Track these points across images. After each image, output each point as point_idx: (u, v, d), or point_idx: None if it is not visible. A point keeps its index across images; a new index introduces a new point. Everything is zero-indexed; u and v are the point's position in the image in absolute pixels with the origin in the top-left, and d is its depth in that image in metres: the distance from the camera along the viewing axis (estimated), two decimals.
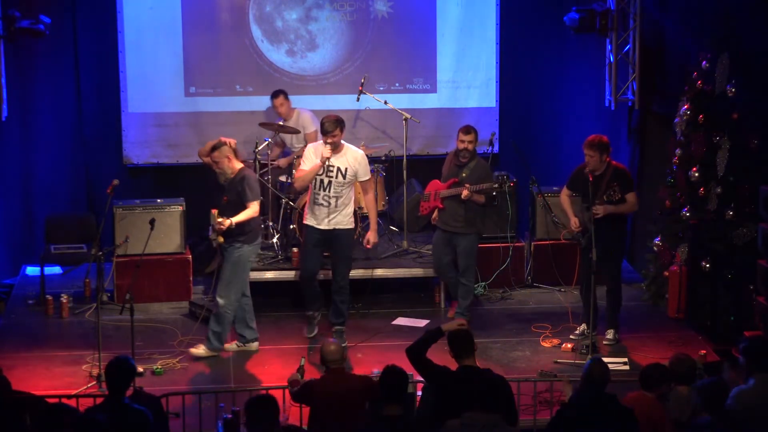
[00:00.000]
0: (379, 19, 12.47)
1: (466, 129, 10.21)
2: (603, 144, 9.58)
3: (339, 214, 9.68)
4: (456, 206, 10.19)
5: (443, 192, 10.24)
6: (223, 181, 9.47)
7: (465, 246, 10.27)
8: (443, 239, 10.38)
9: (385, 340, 10.06)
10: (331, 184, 9.60)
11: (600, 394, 6.61)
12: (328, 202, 9.63)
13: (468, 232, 10.24)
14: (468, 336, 7.00)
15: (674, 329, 10.32)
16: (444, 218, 10.30)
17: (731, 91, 10.00)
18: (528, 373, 9.01)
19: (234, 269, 9.49)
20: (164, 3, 12.16)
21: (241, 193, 9.40)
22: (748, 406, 6.75)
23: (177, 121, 12.26)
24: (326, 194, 9.62)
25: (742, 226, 10.00)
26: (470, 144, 10.16)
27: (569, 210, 9.90)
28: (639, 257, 11.81)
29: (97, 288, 10.35)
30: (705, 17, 10.72)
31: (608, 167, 9.64)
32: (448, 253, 10.39)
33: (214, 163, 9.44)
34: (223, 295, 9.47)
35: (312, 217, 9.73)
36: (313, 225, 9.72)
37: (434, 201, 10.33)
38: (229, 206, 9.42)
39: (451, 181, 10.23)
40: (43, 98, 12.03)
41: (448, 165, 10.36)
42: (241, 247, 9.47)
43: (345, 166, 9.64)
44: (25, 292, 11.27)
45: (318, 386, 7.22)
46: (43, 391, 8.31)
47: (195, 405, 8.07)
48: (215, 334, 9.56)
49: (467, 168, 10.18)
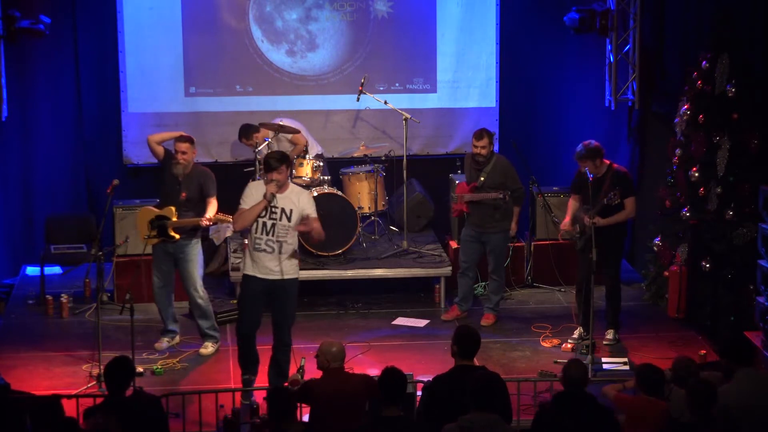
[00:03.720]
0: (379, 19, 12.47)
1: (479, 134, 10.23)
2: (590, 151, 9.55)
3: (285, 261, 8.51)
4: (483, 208, 10.29)
5: (466, 196, 10.36)
6: (180, 174, 9.52)
7: (495, 244, 10.37)
8: (472, 238, 10.43)
9: (385, 340, 10.07)
10: (275, 227, 8.42)
11: (579, 394, 6.64)
12: (272, 247, 8.44)
13: (498, 231, 10.33)
14: (476, 336, 7.02)
15: (674, 329, 10.32)
16: (473, 219, 10.38)
17: (731, 91, 9.99)
18: (528, 373, 9.01)
19: (197, 265, 9.69)
20: (164, 3, 12.16)
21: (203, 187, 9.52)
22: (734, 402, 6.78)
23: (177, 121, 12.25)
24: (269, 239, 8.42)
25: (742, 226, 10.00)
26: (483, 149, 10.19)
27: (569, 212, 9.88)
28: (639, 257, 11.81)
29: (97, 288, 10.35)
30: (705, 17, 10.72)
31: (608, 169, 9.63)
32: (477, 251, 10.46)
33: (181, 153, 9.49)
34: (199, 292, 9.72)
35: (253, 266, 8.53)
36: (255, 275, 8.52)
37: (460, 204, 10.41)
38: (189, 202, 9.53)
39: (472, 185, 10.31)
40: (43, 98, 12.03)
41: (468, 168, 10.41)
42: (198, 242, 9.70)
43: (290, 207, 8.45)
44: (25, 292, 11.27)
45: (318, 386, 7.22)
46: (43, 391, 8.32)
47: (195, 405, 8.07)
48: (211, 327, 9.77)
49: (484, 172, 10.25)
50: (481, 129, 10.33)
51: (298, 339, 9.98)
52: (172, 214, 9.46)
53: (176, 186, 9.54)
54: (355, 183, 11.76)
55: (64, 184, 12.25)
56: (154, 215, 9.52)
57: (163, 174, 9.68)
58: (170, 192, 9.57)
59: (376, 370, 8.13)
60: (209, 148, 12.36)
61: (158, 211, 9.55)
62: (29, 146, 12.07)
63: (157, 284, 9.76)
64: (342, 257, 11.20)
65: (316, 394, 7.16)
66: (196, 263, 9.71)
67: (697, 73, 10.30)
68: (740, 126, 10.03)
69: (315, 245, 11.04)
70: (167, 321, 9.90)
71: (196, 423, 7.94)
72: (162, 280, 9.75)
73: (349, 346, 9.63)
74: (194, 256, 9.69)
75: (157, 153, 9.77)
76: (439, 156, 12.69)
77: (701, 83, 10.25)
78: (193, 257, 9.68)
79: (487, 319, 10.47)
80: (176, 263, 9.72)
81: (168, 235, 9.48)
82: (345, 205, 11.21)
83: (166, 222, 9.45)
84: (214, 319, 9.88)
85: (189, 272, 9.68)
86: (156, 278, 9.75)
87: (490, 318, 10.50)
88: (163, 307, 9.84)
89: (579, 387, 6.70)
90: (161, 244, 9.58)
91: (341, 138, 12.46)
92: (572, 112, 12.74)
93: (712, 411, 6.56)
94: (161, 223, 9.45)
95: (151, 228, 9.47)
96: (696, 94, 10.30)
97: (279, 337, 8.66)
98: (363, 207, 11.62)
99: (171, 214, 9.46)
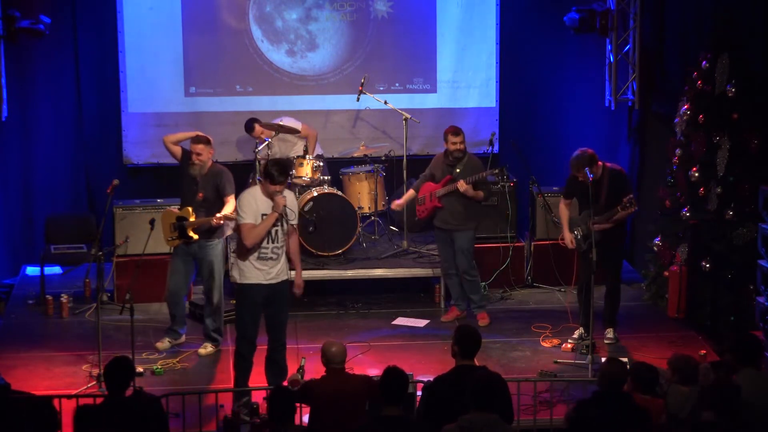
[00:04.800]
0: (379, 19, 12.47)
1: (455, 130, 10.24)
2: (584, 159, 9.46)
3: (284, 263, 8.51)
4: (454, 204, 10.21)
5: (440, 191, 10.25)
6: (197, 175, 9.51)
7: (461, 243, 10.29)
8: (443, 238, 10.40)
9: (385, 340, 10.07)
10: (278, 233, 8.36)
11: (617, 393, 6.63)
12: (277, 254, 8.39)
13: (464, 229, 10.26)
14: (477, 336, 7.01)
15: (674, 329, 10.32)
16: (442, 216, 10.32)
17: (731, 91, 9.99)
18: (528, 373, 9.01)
19: (220, 265, 9.69)
20: (164, 3, 12.16)
21: (220, 187, 9.49)
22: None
23: (177, 121, 12.25)
24: (275, 246, 8.36)
25: (742, 226, 10.00)
26: (461, 144, 10.21)
27: (565, 223, 9.84)
28: (639, 257, 11.81)
29: (97, 288, 10.34)
30: (705, 17, 10.72)
31: (603, 171, 9.62)
32: (452, 249, 10.41)
33: (196, 155, 9.47)
34: (219, 293, 9.70)
35: (258, 274, 8.37)
36: (260, 282, 8.39)
37: (432, 202, 10.32)
38: (206, 203, 9.52)
39: (445, 178, 10.23)
40: (43, 98, 12.04)
41: (440, 165, 10.36)
42: (220, 242, 9.70)
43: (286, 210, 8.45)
44: (25, 292, 11.27)
45: (318, 386, 7.22)
46: (43, 391, 8.32)
47: (195, 405, 8.07)
48: (217, 330, 9.77)
49: (460, 164, 10.21)
50: (455, 126, 10.34)
51: (298, 339, 9.99)
52: (189, 214, 9.45)
53: (194, 186, 9.55)
54: (355, 183, 11.76)
55: (64, 184, 12.26)
56: (175, 217, 9.52)
57: (182, 174, 9.69)
58: (188, 192, 9.59)
59: (376, 370, 8.14)
60: None
61: (178, 212, 9.56)
62: (29, 146, 12.07)
63: (174, 284, 9.76)
64: (342, 257, 11.20)
65: (316, 394, 7.16)
66: (220, 263, 9.72)
67: (697, 73, 10.31)
68: (740, 126, 10.03)
69: (315, 245, 11.04)
70: (176, 321, 9.88)
71: (196, 423, 7.94)
72: (179, 280, 9.75)
73: (349, 346, 9.64)
74: (217, 257, 9.68)
75: (174, 153, 9.76)
76: None
77: (701, 83, 10.25)
78: (216, 257, 9.68)
79: (483, 319, 10.43)
80: (198, 263, 9.73)
81: (187, 236, 9.47)
82: (345, 205, 11.21)
83: (185, 223, 9.46)
84: (222, 322, 9.85)
85: (212, 272, 9.67)
86: (173, 277, 9.76)
87: (485, 317, 10.46)
88: (175, 307, 9.83)
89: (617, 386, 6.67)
90: (183, 244, 9.59)
91: (341, 138, 12.46)
92: (572, 112, 12.74)
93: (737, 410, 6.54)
94: (181, 224, 9.47)
95: (174, 230, 9.49)
96: (696, 94, 10.30)
97: (277, 337, 8.59)
98: (363, 207, 11.62)
99: (188, 214, 9.46)
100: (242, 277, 8.40)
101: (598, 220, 9.48)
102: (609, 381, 6.70)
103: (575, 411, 6.69)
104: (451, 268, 10.48)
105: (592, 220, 9.44)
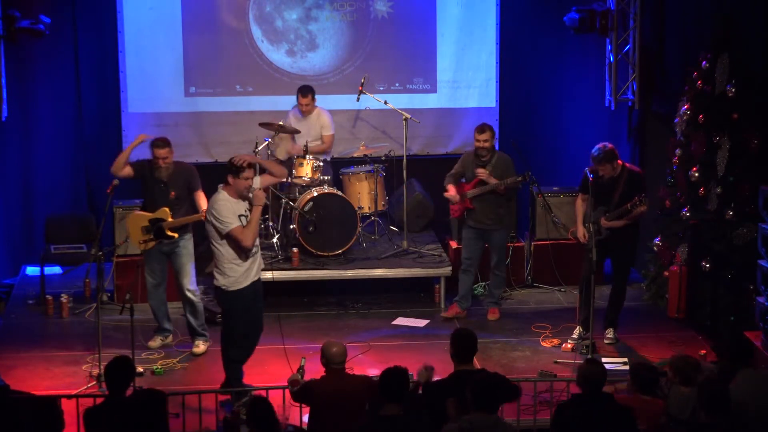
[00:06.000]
0: (379, 19, 12.47)
1: (481, 128, 10.28)
2: (608, 154, 9.52)
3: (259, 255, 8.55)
4: (486, 204, 10.30)
5: (470, 192, 10.32)
6: (165, 177, 9.51)
7: (497, 241, 10.46)
8: (475, 235, 10.47)
9: (385, 340, 10.07)
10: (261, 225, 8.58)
11: (597, 394, 6.62)
12: (257, 246, 8.44)
13: (500, 228, 10.40)
14: (472, 337, 6.99)
15: (674, 329, 10.32)
16: (476, 216, 10.39)
17: (731, 91, 9.99)
18: (528, 373, 9.01)
19: (191, 259, 9.71)
20: (164, 3, 12.17)
21: (190, 183, 9.53)
22: (735, 402, 6.78)
23: (177, 121, 12.26)
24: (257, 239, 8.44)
25: (742, 226, 10.00)
26: (486, 143, 10.25)
27: (579, 218, 9.86)
28: (639, 257, 11.77)
29: (97, 288, 10.31)
30: (705, 17, 10.72)
31: (622, 170, 9.62)
32: (480, 249, 10.53)
33: (162, 159, 9.47)
34: (193, 288, 9.71)
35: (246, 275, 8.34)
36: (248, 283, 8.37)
37: (463, 203, 10.39)
38: (179, 200, 9.55)
39: (476, 180, 10.28)
40: (43, 98, 12.03)
41: (470, 165, 10.38)
42: (191, 237, 9.72)
43: None
44: (25, 292, 11.28)
45: (318, 386, 7.22)
46: (43, 391, 8.32)
47: (195, 405, 8.06)
48: (201, 326, 9.79)
49: (490, 165, 10.26)
50: (482, 123, 10.39)
51: (298, 339, 10.00)
52: (167, 215, 9.47)
53: (162, 187, 9.54)
54: (355, 183, 11.76)
55: (64, 184, 12.26)
56: (147, 219, 9.52)
57: (144, 181, 9.65)
58: (157, 194, 9.56)
59: (376, 370, 8.13)
60: (209, 148, 12.37)
61: (151, 214, 9.54)
62: (29, 146, 12.07)
63: (151, 283, 9.78)
64: (342, 257, 11.20)
65: (316, 394, 7.16)
66: (190, 258, 9.74)
67: (697, 73, 10.31)
68: (740, 126, 10.03)
69: (315, 245, 11.04)
70: (161, 320, 9.92)
71: (196, 423, 7.94)
72: (156, 279, 9.77)
73: (349, 346, 9.64)
74: (188, 251, 9.72)
75: (128, 175, 9.61)
76: (439, 156, 12.68)
77: (701, 83, 10.25)
78: (188, 252, 9.71)
79: (494, 314, 10.58)
80: (170, 260, 9.74)
81: (167, 236, 9.49)
82: (345, 205, 11.21)
83: (162, 224, 9.46)
84: (203, 317, 9.88)
85: (183, 266, 9.69)
86: (149, 278, 9.77)
87: (495, 313, 10.59)
88: (157, 306, 9.86)
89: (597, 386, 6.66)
90: (156, 244, 9.61)
91: (341, 138, 12.45)
92: (572, 112, 12.74)
93: (729, 410, 6.53)
94: (158, 225, 9.46)
95: (147, 232, 9.49)
96: (696, 94, 10.30)
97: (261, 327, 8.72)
98: (363, 207, 11.62)
99: (166, 215, 9.48)
100: (236, 283, 8.33)
101: (610, 216, 9.53)
102: (588, 382, 6.67)
103: (556, 414, 6.68)
104: (472, 265, 10.57)
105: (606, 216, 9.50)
